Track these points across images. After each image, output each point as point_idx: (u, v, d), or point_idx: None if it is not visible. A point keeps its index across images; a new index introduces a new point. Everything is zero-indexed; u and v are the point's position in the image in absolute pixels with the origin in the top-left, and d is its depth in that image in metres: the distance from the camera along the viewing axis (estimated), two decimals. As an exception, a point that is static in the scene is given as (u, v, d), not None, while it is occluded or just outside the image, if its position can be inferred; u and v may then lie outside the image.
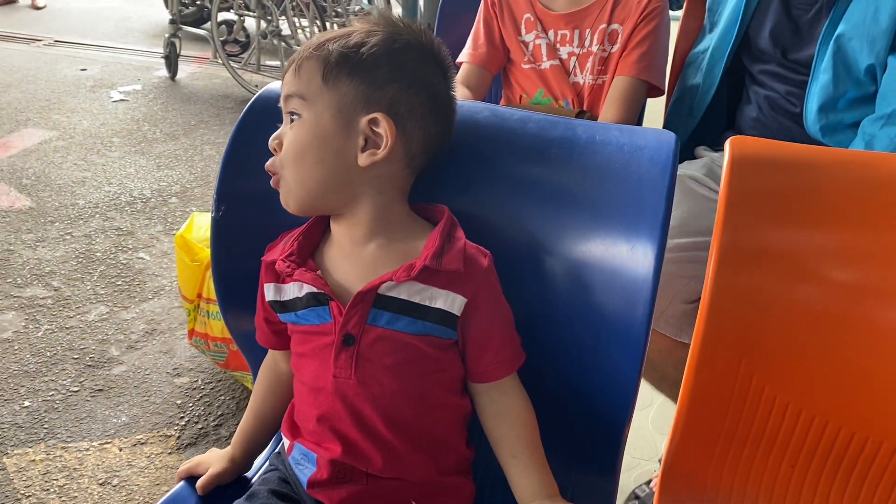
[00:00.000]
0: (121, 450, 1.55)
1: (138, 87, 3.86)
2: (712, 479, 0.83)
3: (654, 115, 1.56)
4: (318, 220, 0.80)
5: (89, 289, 2.10)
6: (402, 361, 0.73)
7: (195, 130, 3.33)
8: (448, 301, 0.73)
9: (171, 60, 3.94)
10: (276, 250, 0.79)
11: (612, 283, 0.76)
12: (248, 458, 0.87)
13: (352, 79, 0.73)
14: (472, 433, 0.81)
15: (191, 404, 1.69)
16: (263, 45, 3.83)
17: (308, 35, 3.79)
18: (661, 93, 1.47)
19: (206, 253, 1.58)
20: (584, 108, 1.46)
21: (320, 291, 0.74)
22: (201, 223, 1.67)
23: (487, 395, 0.78)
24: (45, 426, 1.60)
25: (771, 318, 0.76)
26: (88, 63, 4.22)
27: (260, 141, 0.77)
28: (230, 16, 4.16)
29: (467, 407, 0.79)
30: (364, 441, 0.73)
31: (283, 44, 3.76)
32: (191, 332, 1.69)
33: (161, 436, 1.59)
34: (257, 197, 0.82)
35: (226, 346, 1.63)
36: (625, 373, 0.76)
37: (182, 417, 1.65)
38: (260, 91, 0.91)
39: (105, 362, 1.81)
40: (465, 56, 1.51)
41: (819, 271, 0.75)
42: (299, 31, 3.88)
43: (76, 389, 1.71)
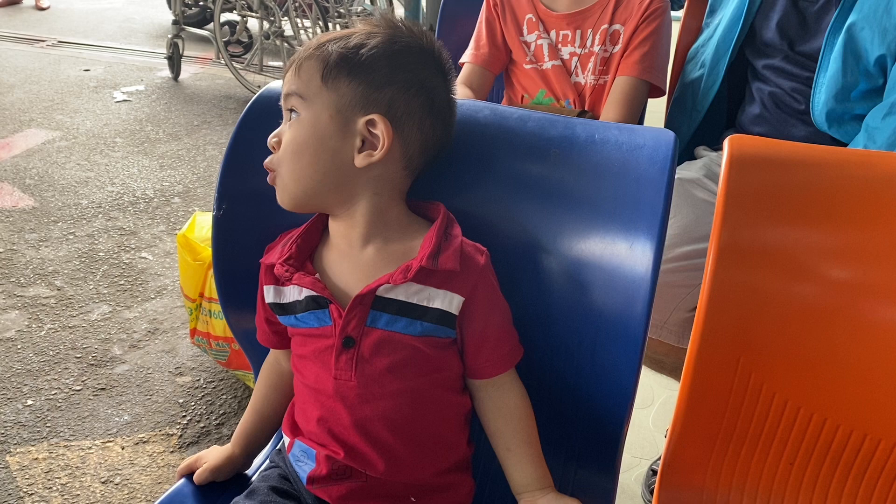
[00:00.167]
0: (123, 448, 1.55)
1: (141, 88, 3.87)
2: (711, 475, 0.84)
3: (655, 116, 1.56)
4: (317, 221, 0.81)
5: (92, 288, 2.11)
6: (402, 362, 0.73)
7: (198, 131, 3.34)
8: (446, 300, 0.73)
9: (174, 61, 3.95)
10: (274, 252, 0.79)
11: (611, 281, 0.76)
12: (247, 456, 0.87)
13: (351, 80, 0.73)
14: (471, 429, 0.81)
15: (193, 403, 1.69)
16: (266, 45, 3.84)
17: (310, 36, 3.80)
18: (663, 93, 1.47)
19: (208, 252, 1.59)
20: (586, 108, 1.46)
21: (320, 295, 0.74)
22: (203, 222, 1.67)
23: (485, 390, 0.78)
24: (48, 425, 1.60)
25: (769, 316, 0.76)
26: (92, 64, 4.24)
27: (261, 139, 0.78)
28: (233, 16, 4.17)
29: (468, 404, 0.79)
30: (365, 445, 0.73)
31: (285, 44, 3.77)
32: (193, 332, 1.69)
33: (163, 434, 1.60)
34: (258, 195, 0.82)
35: (228, 346, 1.64)
36: (623, 370, 0.76)
37: (184, 416, 1.65)
38: (261, 90, 0.91)
39: (107, 361, 1.82)
40: (467, 56, 1.52)
41: (818, 269, 0.75)
42: (302, 32, 3.89)
43: (79, 388, 1.72)
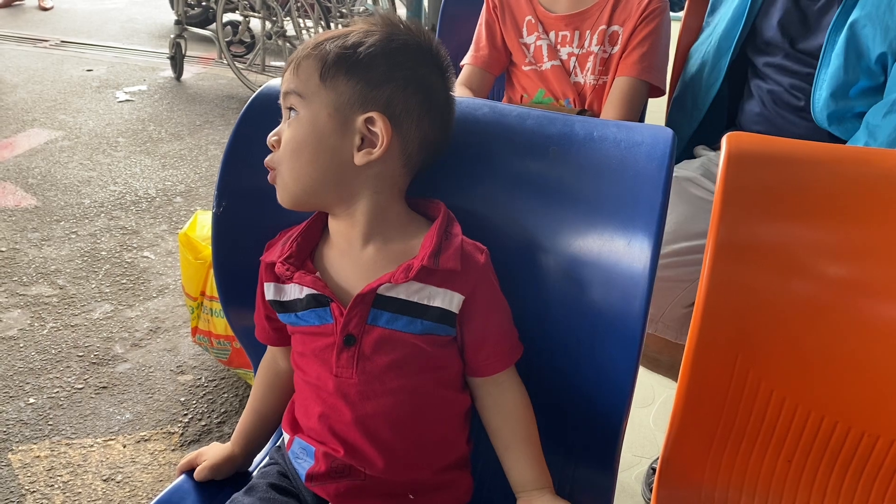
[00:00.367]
0: (124, 446, 1.56)
1: (144, 88, 3.88)
2: (709, 473, 0.84)
3: (655, 116, 1.56)
4: (317, 219, 0.81)
5: (94, 287, 2.11)
6: (403, 359, 0.73)
7: (200, 130, 3.35)
8: (446, 299, 0.73)
9: (177, 61, 3.96)
10: (274, 250, 0.79)
11: (609, 278, 0.76)
12: (247, 455, 0.88)
13: (349, 78, 0.73)
14: (471, 427, 0.81)
15: (194, 401, 1.70)
16: (268, 45, 3.85)
17: (312, 36, 3.81)
18: (662, 93, 1.47)
19: (209, 251, 1.58)
20: (585, 108, 1.46)
21: (321, 293, 0.74)
22: (205, 221, 1.68)
23: (485, 388, 0.78)
24: (50, 423, 1.61)
25: (767, 314, 0.76)
26: (94, 64, 4.25)
27: (261, 137, 0.78)
28: (235, 17, 4.18)
29: (467, 402, 0.79)
30: (365, 443, 0.73)
31: (287, 44, 3.78)
32: (194, 330, 1.70)
33: (164, 433, 1.60)
34: (258, 193, 0.83)
35: (229, 344, 1.64)
36: (622, 367, 0.76)
37: (185, 414, 1.66)
38: (261, 88, 0.91)
39: (109, 360, 1.82)
40: (467, 58, 1.52)
41: (816, 266, 0.75)
42: (304, 32, 3.90)
43: (80, 387, 1.72)
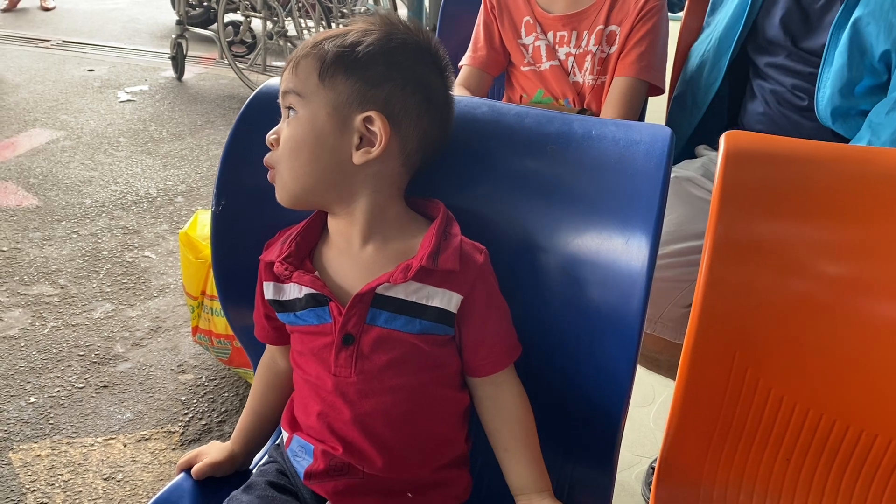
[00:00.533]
0: (125, 445, 1.56)
1: (145, 88, 3.88)
2: (708, 472, 0.84)
3: (655, 115, 1.56)
4: (316, 218, 0.81)
5: (95, 287, 2.12)
6: (401, 359, 0.74)
7: (201, 130, 3.35)
8: (445, 299, 0.73)
9: (178, 61, 3.97)
10: (273, 249, 0.79)
11: (607, 277, 0.76)
12: (247, 454, 0.88)
13: (347, 77, 0.73)
14: (469, 425, 0.81)
15: (195, 401, 1.70)
16: (269, 45, 3.85)
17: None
18: (661, 92, 1.47)
19: (209, 250, 1.59)
20: (585, 107, 1.46)
21: (319, 293, 0.74)
22: (205, 221, 1.68)
23: (483, 388, 0.78)
24: (51, 422, 1.61)
25: (765, 312, 0.76)
26: (96, 64, 4.26)
27: (260, 136, 0.78)
28: (237, 17, 4.19)
29: (466, 401, 0.79)
30: (364, 441, 0.73)
31: (288, 44, 3.78)
32: (195, 329, 1.70)
33: (165, 432, 1.60)
34: (257, 191, 0.83)
35: (229, 343, 1.64)
36: (620, 365, 0.76)
37: (186, 414, 1.66)
38: (260, 87, 0.92)
39: (110, 359, 1.82)
40: (465, 59, 1.52)
41: (813, 265, 0.75)
42: (305, 32, 3.90)
43: (81, 386, 1.72)
